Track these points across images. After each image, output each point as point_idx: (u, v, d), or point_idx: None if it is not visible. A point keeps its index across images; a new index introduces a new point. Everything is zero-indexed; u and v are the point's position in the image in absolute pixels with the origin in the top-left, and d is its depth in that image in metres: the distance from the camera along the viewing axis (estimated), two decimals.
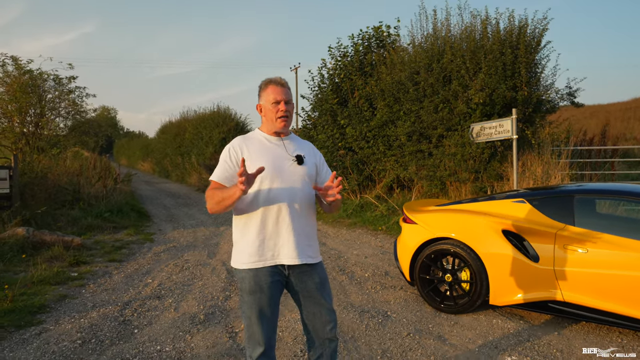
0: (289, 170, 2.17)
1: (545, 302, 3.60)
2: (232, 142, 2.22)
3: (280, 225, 2.12)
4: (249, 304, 2.11)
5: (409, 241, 4.33)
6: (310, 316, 2.21)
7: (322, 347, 2.23)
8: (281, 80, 2.23)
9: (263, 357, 2.13)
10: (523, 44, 7.66)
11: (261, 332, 2.11)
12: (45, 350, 3.29)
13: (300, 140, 2.34)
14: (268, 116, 2.21)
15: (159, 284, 4.96)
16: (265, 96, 2.21)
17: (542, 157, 7.30)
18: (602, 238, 3.41)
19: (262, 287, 2.09)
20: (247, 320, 2.14)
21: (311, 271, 2.19)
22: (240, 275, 2.14)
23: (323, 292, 2.21)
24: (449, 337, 3.51)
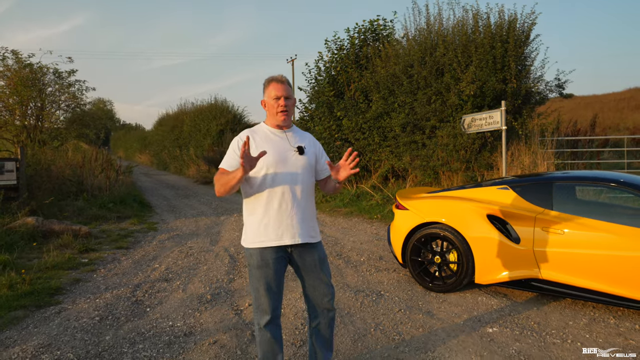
0: (291, 160, 2.43)
1: (526, 280, 3.91)
2: (240, 134, 2.48)
3: (283, 210, 2.38)
4: (257, 277, 2.39)
5: (401, 226, 4.63)
6: (310, 289, 2.51)
7: (322, 315, 2.54)
8: (282, 77, 2.49)
9: (270, 325, 2.42)
10: (512, 38, 7.93)
11: (268, 302, 2.40)
12: (66, 325, 3.59)
13: (302, 132, 2.60)
14: (270, 111, 2.47)
15: (166, 269, 5.25)
16: (268, 93, 2.47)
17: (529, 147, 7.60)
18: (577, 221, 3.72)
19: (268, 262, 2.37)
20: (255, 292, 2.43)
21: (311, 249, 2.48)
22: (249, 252, 2.42)
23: (322, 268, 2.50)
24: (437, 313, 3.82)
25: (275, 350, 2.44)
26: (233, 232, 7.49)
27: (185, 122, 23.28)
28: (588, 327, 3.48)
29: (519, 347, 3.16)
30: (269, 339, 2.43)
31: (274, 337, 2.44)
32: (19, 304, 4.00)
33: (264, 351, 2.46)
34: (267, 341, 2.43)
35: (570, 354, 3.04)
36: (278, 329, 2.47)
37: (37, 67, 13.34)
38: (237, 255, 5.84)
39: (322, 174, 2.59)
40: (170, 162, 24.62)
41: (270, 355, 2.45)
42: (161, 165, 26.64)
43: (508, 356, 3.02)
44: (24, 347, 3.19)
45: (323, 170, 2.59)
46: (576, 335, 3.34)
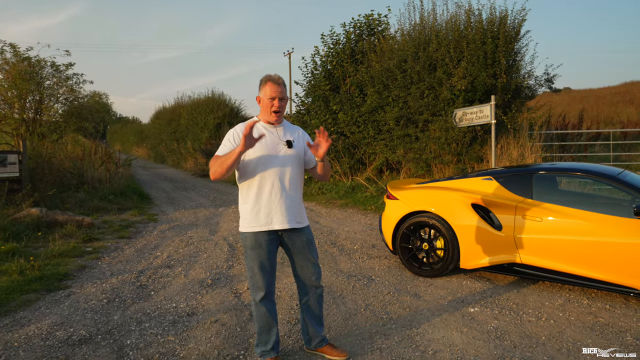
0: (281, 153, 2.68)
1: (507, 264, 4.18)
2: (235, 127, 2.71)
3: (272, 198, 2.64)
4: (252, 257, 2.66)
5: (391, 215, 4.88)
6: (299, 268, 2.78)
7: (310, 292, 2.82)
8: (278, 79, 2.70)
9: (264, 300, 2.70)
10: (503, 34, 8.15)
11: (262, 279, 2.67)
12: (76, 307, 3.83)
13: (291, 126, 2.85)
14: (265, 109, 2.70)
15: (168, 256, 5.50)
16: (264, 91, 2.68)
17: (518, 140, 7.86)
18: (554, 209, 3.98)
19: (261, 244, 2.64)
20: (250, 271, 2.70)
21: (299, 233, 2.74)
22: (244, 236, 2.69)
23: (310, 250, 2.77)
24: (423, 295, 4.08)
25: (270, 323, 2.72)
26: (231, 222, 7.73)
27: (183, 116, 23.43)
28: (562, 307, 3.74)
29: (497, 324, 3.42)
30: (264, 312, 2.70)
31: (269, 311, 2.71)
32: (30, 288, 4.24)
33: (260, 325, 2.73)
34: (262, 315, 2.70)
35: (544, 330, 3.31)
36: (272, 304, 2.74)
37: (35, 61, 13.47)
38: (236, 244, 6.09)
39: (311, 163, 2.84)
40: (168, 156, 24.79)
41: (266, 328, 2.72)
42: (158, 159, 26.81)
43: (486, 332, 3.29)
44: (38, 325, 3.43)
45: (311, 160, 2.84)
46: (551, 314, 3.61)
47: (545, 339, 3.17)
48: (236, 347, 3.08)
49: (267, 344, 2.75)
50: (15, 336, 3.25)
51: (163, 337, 3.25)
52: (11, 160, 8.01)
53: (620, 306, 3.74)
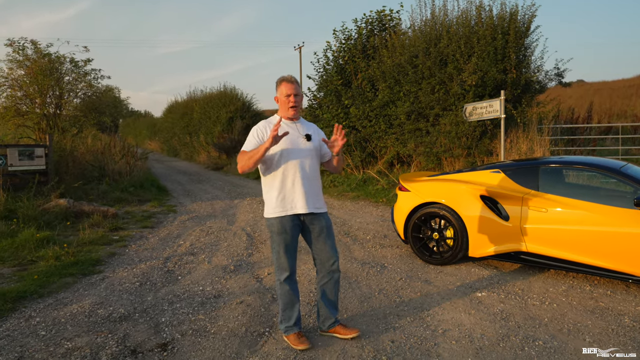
0: (301, 146, 2.99)
1: (514, 253, 4.41)
2: (258, 124, 3.02)
3: (295, 186, 2.94)
4: (278, 241, 2.95)
5: (403, 206, 5.13)
6: (318, 251, 3.06)
7: (328, 276, 3.09)
8: (291, 78, 3.03)
9: (288, 279, 3.00)
10: (513, 29, 8.30)
11: (287, 261, 2.97)
12: (112, 289, 4.15)
13: (308, 123, 3.17)
14: (283, 106, 3.02)
15: (191, 245, 5.81)
16: (280, 91, 3.01)
17: (527, 134, 8.03)
18: (559, 200, 4.20)
19: (286, 229, 2.93)
20: (276, 254, 2.99)
21: (319, 218, 3.03)
22: (270, 222, 2.97)
23: (328, 234, 3.05)
24: (434, 281, 4.34)
25: (293, 299, 3.02)
26: (247, 214, 8.03)
27: (195, 110, 23.77)
28: (565, 293, 3.97)
29: (503, 307, 3.67)
30: (287, 290, 3.00)
31: (292, 289, 3.01)
32: (67, 272, 4.57)
33: (284, 302, 3.02)
34: (286, 292, 3.01)
35: (547, 313, 3.54)
36: (295, 283, 3.05)
37: (55, 57, 13.86)
38: (254, 234, 6.38)
39: (326, 156, 3.16)
40: (181, 149, 25.20)
41: (289, 305, 3.02)
42: (171, 152, 27.24)
43: (492, 314, 3.53)
44: (80, 305, 3.75)
45: (326, 154, 3.15)
46: (554, 298, 3.84)
47: (547, 321, 3.41)
48: (262, 325, 3.37)
49: (290, 319, 3.04)
50: (60, 313, 3.58)
51: (194, 315, 3.55)
52: (38, 153, 8.39)
53: (620, 292, 3.96)
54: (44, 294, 4.01)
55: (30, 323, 3.40)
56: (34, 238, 5.47)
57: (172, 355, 2.93)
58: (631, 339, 3.09)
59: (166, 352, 2.97)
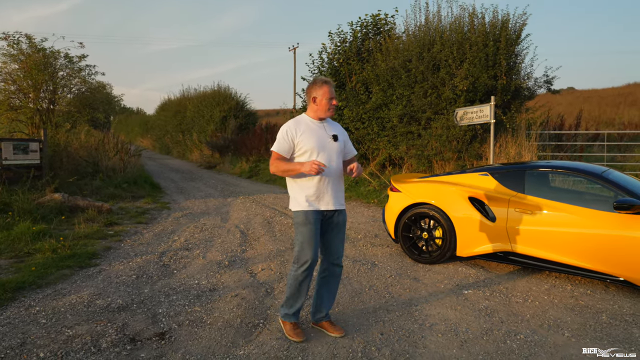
0: (328, 146, 3.10)
1: (501, 253, 4.57)
2: (287, 124, 3.09)
3: (322, 184, 3.06)
4: (302, 232, 3.04)
5: (394, 206, 5.28)
6: (327, 242, 3.18)
7: (331, 269, 3.21)
8: (332, 82, 3.16)
9: (307, 271, 3.06)
10: (504, 37, 8.51)
11: (309, 252, 3.03)
12: (109, 281, 4.25)
13: (333, 123, 3.27)
14: (321, 107, 3.10)
15: (185, 240, 5.91)
16: (323, 92, 3.09)
17: (516, 139, 8.24)
18: (544, 203, 4.37)
19: (311, 221, 3.03)
20: (299, 246, 3.06)
21: (340, 214, 3.17)
22: (297, 214, 3.07)
23: (342, 228, 3.19)
24: (422, 279, 4.49)
25: (302, 290, 3.11)
26: (241, 212, 8.14)
27: (188, 108, 23.80)
28: (548, 291, 4.15)
29: (487, 304, 3.83)
30: (301, 281, 3.08)
31: (305, 281, 3.09)
32: (64, 264, 4.65)
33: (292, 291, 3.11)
34: (299, 283, 3.08)
35: (529, 310, 3.71)
36: (310, 277, 3.11)
37: (50, 52, 13.84)
38: (247, 231, 6.49)
39: (347, 155, 3.29)
40: (173, 147, 25.20)
41: (297, 295, 3.11)
42: (164, 150, 27.22)
43: (477, 310, 3.69)
44: (79, 295, 3.85)
45: (348, 153, 3.29)
46: (536, 297, 4.01)
47: (529, 317, 3.57)
48: (256, 317, 3.49)
49: (292, 307, 3.14)
50: (60, 303, 3.67)
51: (190, 307, 3.67)
52: (33, 148, 8.43)
53: (600, 292, 4.14)
54: (42, 285, 4.09)
55: (30, 312, 3.50)
56: (30, 231, 5.54)
57: (169, 344, 3.04)
58: (607, 334, 3.26)
59: (164, 341, 3.08)
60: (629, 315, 3.60)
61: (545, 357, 2.93)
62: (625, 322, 3.48)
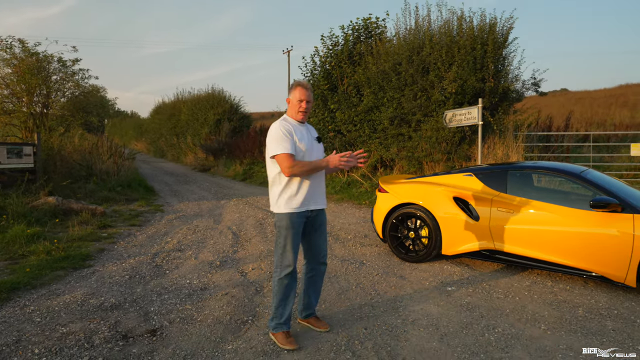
0: (315, 147, 3.18)
1: (485, 251, 4.71)
2: (279, 124, 3.06)
3: (312, 184, 3.11)
4: (285, 236, 3.06)
5: (382, 206, 5.42)
6: (313, 244, 3.24)
7: (317, 268, 3.30)
8: (307, 84, 3.18)
9: (290, 276, 3.09)
10: (491, 41, 8.68)
11: (291, 256, 3.07)
12: (103, 281, 4.35)
13: (309, 125, 3.34)
14: (293, 108, 3.15)
15: (178, 242, 6.01)
16: (294, 94, 3.15)
17: (503, 140, 8.40)
18: (524, 202, 4.52)
19: (294, 224, 3.06)
20: (281, 249, 3.08)
21: (322, 213, 3.26)
22: (280, 217, 3.07)
23: (324, 228, 3.28)
24: (408, 277, 4.62)
25: (290, 296, 3.13)
26: (233, 214, 8.24)
27: (183, 111, 23.87)
28: (529, 288, 4.29)
29: (470, 300, 3.96)
30: (286, 285, 3.09)
31: (291, 285, 3.12)
32: (58, 265, 4.75)
33: (280, 298, 3.10)
34: (285, 288, 3.09)
35: (509, 305, 3.85)
36: (295, 280, 3.15)
37: (43, 56, 13.91)
38: (240, 232, 6.61)
39: None
40: (168, 150, 25.24)
41: (285, 301, 3.12)
42: (158, 153, 27.25)
43: (459, 305, 3.83)
44: (73, 295, 3.95)
45: None
46: (517, 292, 4.15)
47: (509, 311, 3.71)
48: (245, 314, 3.61)
49: (282, 316, 3.13)
50: (54, 302, 3.77)
51: (181, 305, 3.78)
52: (26, 152, 8.50)
53: (579, 287, 4.29)
54: (37, 286, 4.19)
55: (25, 311, 3.60)
56: (24, 234, 5.63)
57: (161, 340, 3.15)
58: (581, 327, 3.41)
59: (155, 337, 3.19)
60: (604, 309, 3.75)
61: (520, 348, 3.06)
62: (600, 316, 3.62)
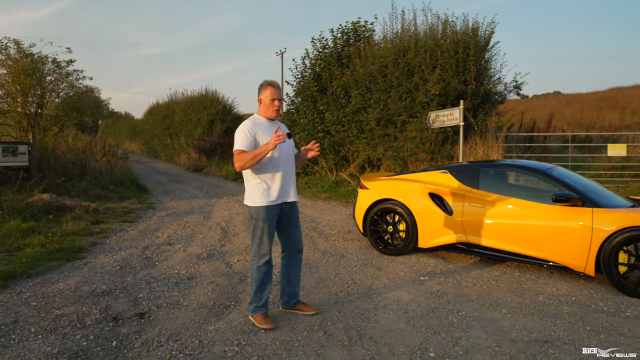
0: (285, 143, 3.38)
1: (457, 244, 5.00)
2: (245, 124, 3.32)
3: (282, 178, 3.34)
4: (262, 228, 3.31)
5: (362, 202, 5.69)
6: (291, 236, 3.48)
7: (295, 257, 3.54)
8: (276, 83, 3.43)
9: (267, 264, 3.36)
10: (473, 44, 9.00)
11: (268, 246, 3.34)
12: (95, 271, 4.59)
13: (281, 123, 3.60)
14: (266, 108, 3.39)
15: (168, 236, 6.26)
16: (265, 94, 3.37)
17: (484, 141, 8.71)
18: (493, 197, 4.81)
19: (270, 216, 3.32)
20: (258, 240, 3.33)
21: (295, 206, 3.51)
22: (256, 210, 3.31)
23: (298, 220, 3.53)
24: (385, 268, 4.89)
25: (267, 282, 3.40)
26: (223, 211, 8.49)
27: (176, 112, 24.06)
28: (497, 278, 4.57)
29: (440, 288, 4.24)
30: (264, 272, 3.35)
31: (269, 272, 3.38)
32: (52, 257, 4.99)
33: (258, 284, 3.35)
34: (263, 275, 3.35)
35: (475, 292, 4.13)
36: (271, 267, 3.41)
37: (38, 57, 14.10)
38: (228, 228, 6.86)
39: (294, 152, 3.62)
40: (161, 151, 25.41)
41: (263, 287, 3.37)
42: (152, 154, 27.40)
43: (429, 292, 4.10)
44: (66, 283, 4.19)
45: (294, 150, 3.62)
46: (485, 282, 4.44)
47: (475, 298, 3.99)
48: (228, 300, 3.87)
49: (260, 300, 3.38)
50: (49, 289, 4.01)
51: (169, 292, 4.03)
52: (21, 150, 8.71)
53: (544, 277, 4.58)
54: (32, 275, 4.43)
55: (21, 296, 3.84)
56: (19, 228, 5.85)
57: (148, 322, 3.40)
58: (539, 311, 3.69)
59: (143, 320, 3.44)
60: (564, 296, 4.04)
61: (479, 328, 3.34)
62: (559, 302, 3.91)
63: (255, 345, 3.04)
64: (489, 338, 3.17)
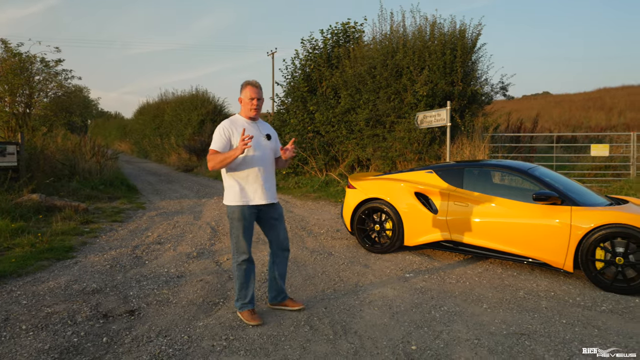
0: (262, 144, 3.46)
1: (442, 242, 5.12)
2: (222, 123, 3.43)
3: (257, 179, 3.40)
4: (237, 227, 3.39)
5: (350, 201, 5.79)
6: (275, 235, 3.56)
7: (281, 255, 3.62)
8: (256, 83, 3.48)
9: (247, 261, 3.44)
10: (460, 46, 9.15)
11: (245, 245, 3.41)
12: (85, 270, 4.64)
13: (264, 123, 3.66)
14: (245, 107, 3.46)
15: (158, 236, 6.31)
16: (245, 93, 3.44)
17: (471, 141, 8.87)
18: (477, 196, 4.94)
19: (245, 216, 3.39)
20: (235, 239, 3.41)
21: (274, 207, 3.55)
22: (232, 209, 3.39)
23: (282, 220, 3.60)
24: (372, 265, 5.00)
25: (249, 279, 3.46)
26: (213, 211, 8.55)
27: (167, 112, 24.02)
28: (480, 274, 4.70)
29: (424, 284, 4.36)
30: (244, 270, 3.43)
31: (249, 269, 3.46)
32: (42, 256, 5.02)
33: (241, 282, 3.43)
34: (244, 273, 3.43)
35: (459, 288, 4.25)
36: (252, 265, 3.49)
37: (26, 57, 14.03)
38: (218, 227, 6.93)
39: (277, 153, 3.64)
40: (151, 151, 25.33)
41: (245, 285, 3.44)
42: (142, 154, 27.30)
43: (414, 289, 4.22)
44: (57, 281, 4.24)
45: (277, 151, 3.65)
46: (468, 278, 4.56)
47: (457, 294, 4.11)
48: (217, 297, 3.95)
49: (245, 297, 3.45)
50: (39, 288, 4.06)
51: (159, 290, 4.10)
52: (10, 150, 8.69)
53: (525, 274, 4.72)
54: (23, 274, 4.47)
55: (12, 295, 3.88)
56: (9, 228, 5.87)
57: (138, 319, 3.47)
58: (518, 305, 3.82)
59: (133, 317, 3.51)
60: (543, 292, 4.18)
61: (460, 323, 3.46)
62: (538, 297, 4.04)
63: (243, 340, 3.13)
64: (469, 331, 3.29)
